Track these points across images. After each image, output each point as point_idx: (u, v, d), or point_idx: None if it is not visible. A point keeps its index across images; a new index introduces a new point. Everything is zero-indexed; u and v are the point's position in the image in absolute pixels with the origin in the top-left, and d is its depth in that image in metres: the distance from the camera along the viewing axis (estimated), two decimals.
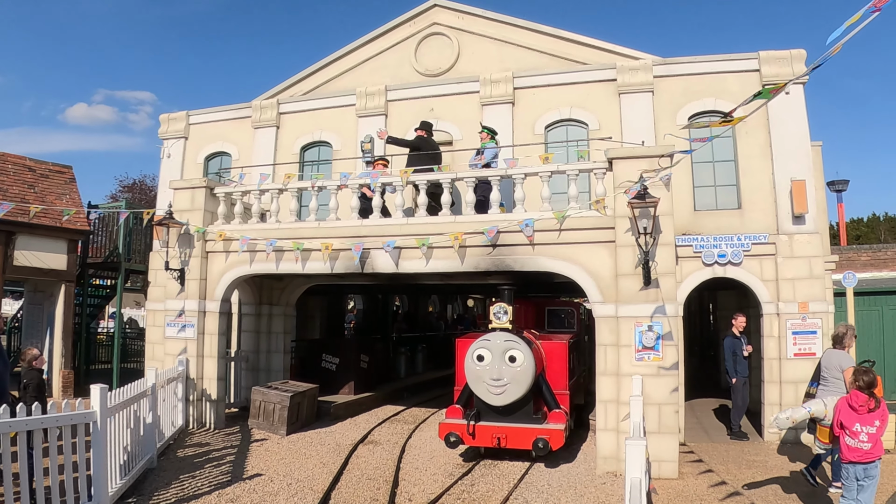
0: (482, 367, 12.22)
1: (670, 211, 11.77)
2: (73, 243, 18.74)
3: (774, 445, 13.70)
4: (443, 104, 17.34)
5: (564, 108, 16.42)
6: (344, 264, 13.78)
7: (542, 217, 12.31)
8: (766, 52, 15.17)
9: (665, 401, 11.42)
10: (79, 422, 8.66)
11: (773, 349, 14.21)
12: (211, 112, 20.04)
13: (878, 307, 18.08)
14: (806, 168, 14.84)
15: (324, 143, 18.54)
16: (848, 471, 7.86)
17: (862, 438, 7.67)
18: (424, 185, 13.70)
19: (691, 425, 15.28)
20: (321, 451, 13.16)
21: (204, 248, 14.89)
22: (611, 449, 11.58)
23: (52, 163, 19.74)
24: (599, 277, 12.07)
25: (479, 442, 12.28)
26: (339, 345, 19.49)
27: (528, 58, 17.32)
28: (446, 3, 18.26)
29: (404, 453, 13.14)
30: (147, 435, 11.47)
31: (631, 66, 16.07)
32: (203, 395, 14.70)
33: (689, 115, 15.63)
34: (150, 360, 16.04)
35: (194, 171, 19.47)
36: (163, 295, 15.33)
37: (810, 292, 14.13)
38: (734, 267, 14.43)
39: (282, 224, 14.55)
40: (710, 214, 15.23)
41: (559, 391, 12.93)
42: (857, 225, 66.31)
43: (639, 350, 11.60)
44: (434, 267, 13.21)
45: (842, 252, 23.03)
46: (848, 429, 7.77)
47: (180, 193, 15.25)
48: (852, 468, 7.78)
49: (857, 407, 7.73)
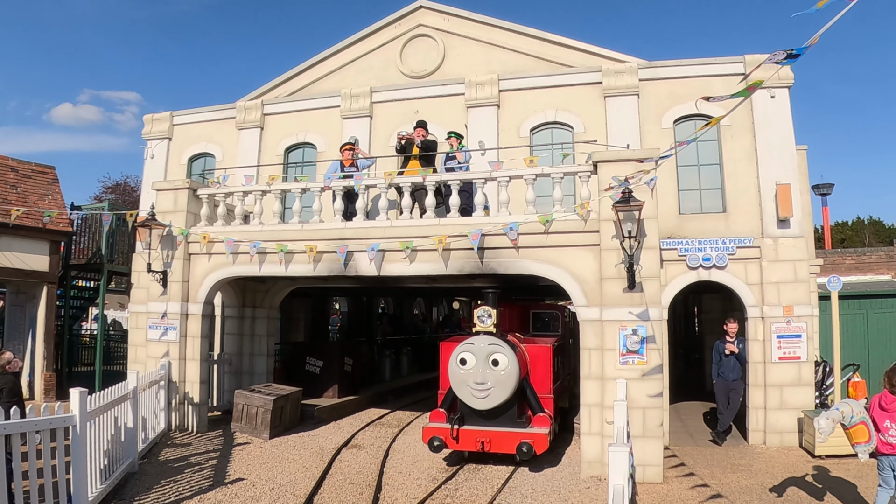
0: (466, 371, 12.16)
1: (655, 214, 11.74)
2: (55, 244, 18.54)
3: (759, 449, 13.72)
4: (428, 106, 17.25)
5: (550, 111, 16.38)
6: (328, 267, 13.70)
7: (527, 220, 12.27)
8: (752, 55, 15.16)
9: (649, 405, 11.39)
10: (58, 426, 8.61)
11: (758, 353, 14.20)
12: (195, 113, 19.89)
13: (863, 311, 18.13)
14: (791, 172, 14.84)
15: (308, 144, 18.43)
16: (883, 462, 8.51)
17: (892, 433, 8.31)
18: (409, 187, 13.62)
19: (676, 429, 15.26)
20: (304, 455, 13.07)
21: (187, 250, 14.77)
22: (595, 453, 11.53)
23: (35, 163, 19.55)
24: (584, 281, 12.03)
25: (463, 446, 12.22)
26: (323, 348, 19.38)
27: (513, 60, 17.28)
28: (432, 5, 18.21)
29: (388, 457, 13.06)
30: (128, 439, 11.38)
31: (616, 69, 16.05)
32: (185, 399, 14.57)
33: (674, 118, 15.63)
34: (133, 363, 15.94)
35: (178, 172, 19.33)
36: (145, 297, 15.19)
37: (795, 296, 14.13)
38: (719, 270, 14.42)
39: (265, 226, 14.44)
40: (695, 218, 15.22)
41: (543, 395, 12.89)
42: (841, 228, 66.57)
43: (623, 354, 11.56)
44: (418, 270, 13.14)
45: (827, 256, 23.12)
46: (879, 425, 8.39)
47: (163, 195, 15.11)
48: (886, 459, 8.44)
49: (887, 406, 8.36)
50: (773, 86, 14.66)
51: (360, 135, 17.40)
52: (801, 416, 13.63)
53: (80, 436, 8.93)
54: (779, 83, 14.66)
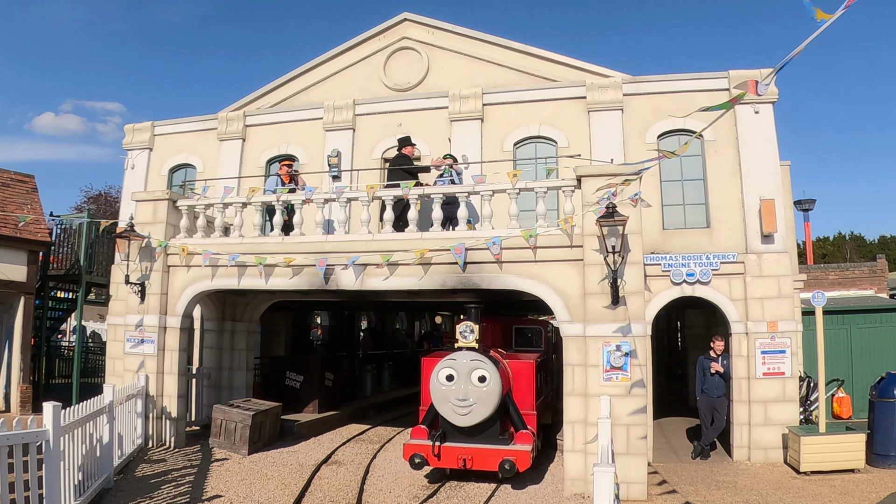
0: (448, 388, 12.01)
1: (639, 229, 11.68)
2: (33, 254, 18.25)
3: (744, 465, 13.65)
4: (411, 119, 17.16)
5: (534, 125, 16.32)
6: (308, 280, 13.53)
7: (511, 235, 12.17)
8: (736, 71, 15.18)
9: (633, 421, 11.29)
10: (30, 440, 8.43)
11: (742, 368, 14.14)
12: (176, 123, 19.71)
13: (847, 326, 18.18)
14: (775, 187, 14.84)
15: (290, 156, 18.28)
16: None
17: None
18: (391, 201, 13.51)
19: (660, 445, 15.18)
20: (283, 472, 12.87)
21: (165, 262, 14.57)
22: (578, 470, 11.41)
23: (15, 171, 19.29)
24: (567, 296, 11.93)
25: (445, 463, 12.06)
26: (303, 362, 19.15)
27: (497, 74, 17.23)
28: (417, 18, 18.14)
29: (368, 474, 12.88)
30: (104, 454, 11.17)
31: (601, 83, 16.02)
32: (163, 413, 14.34)
33: (658, 133, 15.61)
34: (111, 376, 15.73)
35: (158, 182, 19.12)
36: (124, 309, 14.97)
37: (779, 311, 14.10)
38: (703, 286, 14.37)
39: (245, 238, 14.27)
40: (679, 233, 15.17)
41: (526, 411, 12.76)
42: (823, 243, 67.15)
43: (607, 370, 11.47)
44: (400, 284, 13.01)
45: (810, 271, 23.22)
46: None
47: (142, 206, 14.92)
48: None
49: None
50: (757, 101, 14.65)
51: (342, 147, 17.31)
52: (786, 432, 13.57)
53: (54, 451, 8.74)
54: (763, 99, 14.65)
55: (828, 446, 12.73)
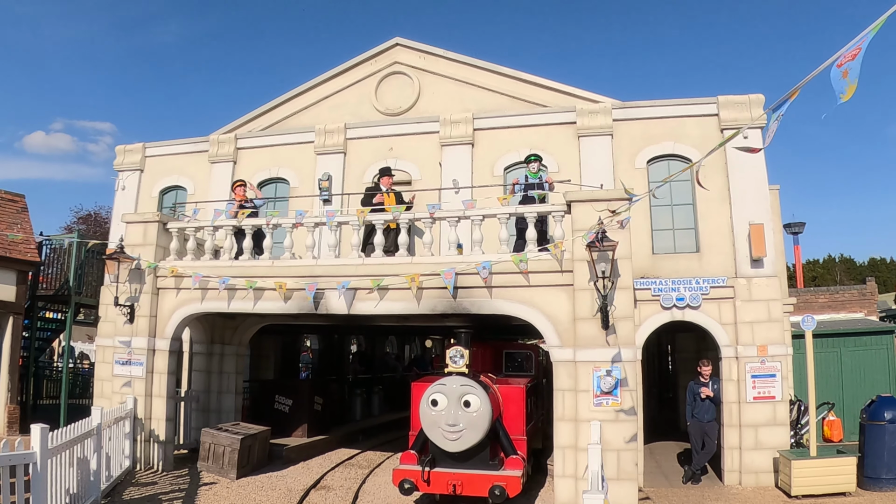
0: (437, 413, 11.94)
1: (629, 254, 11.72)
2: (22, 274, 18.14)
3: (735, 489, 13.61)
4: (402, 143, 17.24)
5: (524, 150, 16.32)
6: (298, 304, 13.51)
7: (500, 260, 12.18)
8: (725, 96, 15.31)
9: (624, 447, 11.27)
10: (17, 462, 8.45)
11: (733, 393, 14.13)
12: (168, 145, 19.73)
13: (837, 349, 18.23)
14: (764, 212, 14.91)
15: (281, 179, 18.31)
16: None
17: None
18: (381, 225, 13.51)
19: (650, 469, 15.13)
20: (272, 497, 12.78)
21: (155, 285, 14.53)
22: (569, 496, 11.38)
23: (4, 191, 19.20)
24: (557, 321, 11.94)
25: (435, 489, 11.96)
26: (292, 386, 19.05)
27: (488, 99, 17.33)
28: (408, 43, 18.25)
29: (357, 499, 12.81)
30: (91, 476, 11.11)
31: (590, 108, 16.12)
32: (151, 436, 14.24)
33: (647, 158, 15.71)
34: (99, 398, 15.62)
35: (149, 204, 19.10)
36: (113, 331, 14.91)
37: (769, 335, 14.11)
38: (693, 310, 14.39)
39: (235, 261, 14.25)
40: (669, 258, 15.22)
41: (517, 436, 12.70)
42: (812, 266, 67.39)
43: (597, 395, 11.46)
44: (390, 308, 13.00)
45: (800, 294, 23.27)
46: None
47: (133, 227, 14.90)
48: None
49: None
50: (746, 126, 14.73)
51: (333, 171, 17.37)
52: (777, 456, 13.55)
53: (41, 473, 8.76)
54: (752, 124, 14.75)
55: (819, 470, 12.72)
